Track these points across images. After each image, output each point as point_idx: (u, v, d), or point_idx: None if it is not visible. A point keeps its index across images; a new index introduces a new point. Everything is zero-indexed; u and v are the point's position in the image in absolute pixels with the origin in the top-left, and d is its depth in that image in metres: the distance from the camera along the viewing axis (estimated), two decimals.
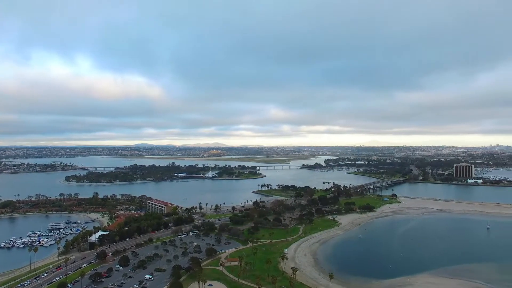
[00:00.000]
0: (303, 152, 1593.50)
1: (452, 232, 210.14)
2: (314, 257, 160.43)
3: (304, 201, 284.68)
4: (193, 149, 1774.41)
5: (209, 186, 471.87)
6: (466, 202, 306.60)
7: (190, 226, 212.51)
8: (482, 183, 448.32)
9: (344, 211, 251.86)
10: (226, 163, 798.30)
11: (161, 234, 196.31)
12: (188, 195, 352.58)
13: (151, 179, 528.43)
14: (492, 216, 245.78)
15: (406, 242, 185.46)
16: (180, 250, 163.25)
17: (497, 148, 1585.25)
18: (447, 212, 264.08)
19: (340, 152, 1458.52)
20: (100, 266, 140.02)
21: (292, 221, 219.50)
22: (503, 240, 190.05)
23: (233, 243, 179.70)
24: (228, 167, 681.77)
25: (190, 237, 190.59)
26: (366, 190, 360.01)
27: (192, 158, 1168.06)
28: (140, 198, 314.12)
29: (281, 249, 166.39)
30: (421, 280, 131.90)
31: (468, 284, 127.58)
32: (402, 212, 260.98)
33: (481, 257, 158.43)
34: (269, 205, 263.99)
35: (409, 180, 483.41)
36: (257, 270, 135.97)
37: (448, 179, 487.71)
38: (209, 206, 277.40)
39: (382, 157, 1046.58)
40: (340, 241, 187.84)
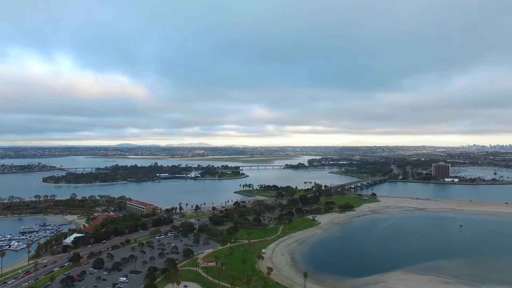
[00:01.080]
0: (287, 152, 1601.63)
1: (427, 229, 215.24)
2: (291, 256, 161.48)
3: (285, 201, 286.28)
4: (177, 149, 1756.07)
5: (191, 186, 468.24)
6: (442, 200, 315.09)
7: (169, 227, 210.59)
8: (458, 181, 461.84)
9: (324, 210, 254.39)
10: (210, 163, 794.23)
11: (139, 235, 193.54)
12: (170, 195, 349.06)
13: (133, 180, 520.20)
14: (465, 214, 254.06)
15: (383, 240, 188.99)
16: (157, 251, 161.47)
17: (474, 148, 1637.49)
18: (423, 210, 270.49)
19: (323, 152, 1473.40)
20: (73, 270, 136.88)
21: (272, 221, 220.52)
22: (473, 236, 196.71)
23: (211, 244, 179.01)
24: (211, 167, 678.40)
25: (169, 238, 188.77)
26: (347, 190, 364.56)
27: (175, 158, 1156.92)
28: (119, 199, 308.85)
29: (259, 249, 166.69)
30: (394, 277, 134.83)
31: (438, 280, 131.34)
32: (381, 211, 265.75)
33: (452, 254, 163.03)
34: (249, 205, 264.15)
35: (389, 180, 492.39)
36: (234, 271, 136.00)
37: (427, 178, 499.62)
38: (190, 206, 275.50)
39: (365, 157, 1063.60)
40: (319, 240, 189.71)
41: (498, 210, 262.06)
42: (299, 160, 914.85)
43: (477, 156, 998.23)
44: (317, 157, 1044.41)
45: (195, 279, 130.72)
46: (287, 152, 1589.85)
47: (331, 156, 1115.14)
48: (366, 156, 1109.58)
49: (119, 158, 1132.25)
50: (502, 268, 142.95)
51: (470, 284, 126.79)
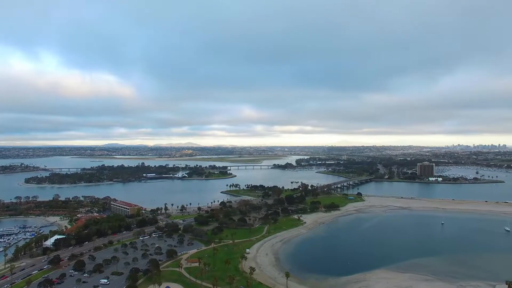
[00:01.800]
0: (275, 152, 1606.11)
1: (410, 228, 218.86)
2: (275, 256, 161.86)
3: (271, 200, 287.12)
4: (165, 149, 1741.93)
5: (178, 186, 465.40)
6: (425, 199, 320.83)
7: (154, 227, 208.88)
8: (442, 181, 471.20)
9: (310, 210, 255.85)
10: (198, 163, 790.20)
11: (123, 236, 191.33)
12: (156, 195, 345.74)
13: (119, 180, 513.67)
14: (447, 212, 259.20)
15: (366, 239, 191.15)
16: (141, 252, 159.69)
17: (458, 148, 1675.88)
18: (407, 209, 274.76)
19: (312, 152, 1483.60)
20: (52, 272, 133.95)
21: (258, 221, 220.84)
22: (454, 234, 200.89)
23: (196, 244, 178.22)
24: (198, 167, 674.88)
25: (152, 239, 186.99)
26: (333, 189, 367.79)
27: (163, 158, 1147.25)
28: (104, 200, 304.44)
29: (244, 249, 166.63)
30: (376, 276, 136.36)
31: (418, 277, 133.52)
32: (366, 210, 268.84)
33: (433, 251, 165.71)
34: (235, 205, 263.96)
35: (375, 179, 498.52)
36: (217, 271, 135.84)
37: (412, 177, 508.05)
38: (175, 207, 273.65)
39: (352, 157, 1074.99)
40: (303, 239, 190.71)
41: (478, 208, 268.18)
42: (287, 160, 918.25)
43: (461, 156, 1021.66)
44: (305, 157, 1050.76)
45: (178, 279, 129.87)
46: (275, 152, 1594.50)
47: (319, 156, 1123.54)
48: (354, 156, 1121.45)
49: (105, 158, 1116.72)
50: (479, 265, 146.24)
51: (448, 281, 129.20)
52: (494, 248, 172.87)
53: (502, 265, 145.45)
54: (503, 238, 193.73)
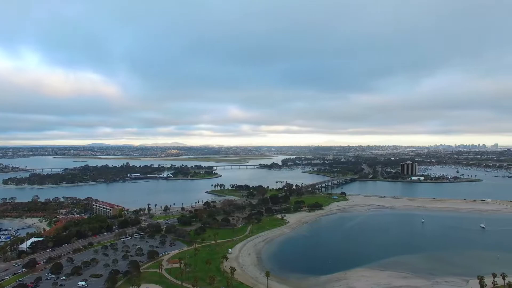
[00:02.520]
0: (262, 151, 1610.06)
1: (391, 226, 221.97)
2: (257, 256, 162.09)
3: (255, 200, 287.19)
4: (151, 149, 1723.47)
5: (162, 186, 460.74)
6: (407, 198, 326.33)
7: (136, 228, 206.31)
8: (424, 180, 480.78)
9: (293, 209, 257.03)
10: (183, 163, 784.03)
11: (103, 237, 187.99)
12: (140, 196, 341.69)
13: (102, 180, 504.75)
14: (428, 211, 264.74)
15: (348, 238, 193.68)
16: (121, 253, 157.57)
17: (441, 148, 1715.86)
18: (389, 208, 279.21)
19: (298, 152, 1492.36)
20: (27, 276, 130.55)
21: (241, 221, 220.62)
22: (433, 232, 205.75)
23: (178, 245, 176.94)
24: (184, 167, 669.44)
25: (134, 240, 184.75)
26: (318, 189, 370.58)
27: (149, 158, 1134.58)
28: (85, 201, 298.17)
29: (226, 249, 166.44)
30: (356, 274, 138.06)
31: (397, 275, 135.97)
32: (349, 210, 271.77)
33: (412, 249, 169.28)
34: (219, 205, 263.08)
35: (359, 178, 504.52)
36: (199, 271, 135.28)
37: (395, 176, 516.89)
38: (159, 207, 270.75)
39: (338, 157, 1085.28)
40: (286, 239, 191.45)
41: (456, 207, 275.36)
42: (273, 160, 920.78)
43: (443, 156, 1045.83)
44: (291, 157, 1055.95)
45: (158, 281, 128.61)
46: (262, 151, 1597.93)
47: (305, 156, 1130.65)
48: (340, 156, 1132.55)
49: (89, 158, 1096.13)
50: (455, 261, 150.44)
51: (426, 278, 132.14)
52: (469, 244, 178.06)
53: (476, 260, 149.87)
54: (479, 234, 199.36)
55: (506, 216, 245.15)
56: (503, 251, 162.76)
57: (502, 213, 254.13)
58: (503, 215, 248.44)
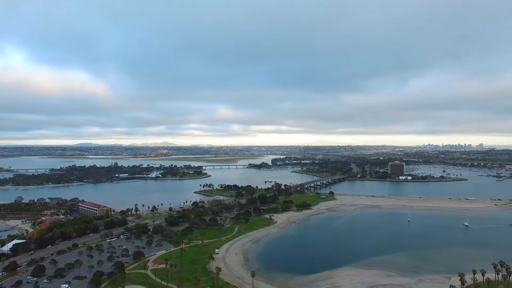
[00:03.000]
0: (252, 151, 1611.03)
1: (378, 226, 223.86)
2: (244, 256, 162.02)
3: (244, 200, 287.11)
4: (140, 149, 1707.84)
5: (151, 187, 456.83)
6: (394, 197, 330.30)
7: (122, 229, 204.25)
8: (411, 179, 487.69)
9: (282, 209, 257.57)
10: (173, 163, 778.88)
11: (89, 238, 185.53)
12: (128, 196, 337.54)
13: (89, 181, 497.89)
14: (414, 209, 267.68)
15: (335, 237, 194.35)
16: (107, 254, 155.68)
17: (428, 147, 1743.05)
18: (377, 207, 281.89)
19: (288, 152, 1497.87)
20: (7, 280, 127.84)
21: (229, 221, 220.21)
22: (418, 230, 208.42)
23: (165, 245, 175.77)
24: (173, 167, 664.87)
25: (120, 241, 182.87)
26: (307, 189, 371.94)
27: (138, 158, 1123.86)
28: (71, 201, 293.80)
29: (213, 249, 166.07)
30: (341, 273, 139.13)
31: (382, 273, 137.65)
32: (337, 209, 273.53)
33: (397, 248, 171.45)
34: (207, 205, 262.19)
35: (348, 178, 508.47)
36: (185, 272, 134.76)
37: (383, 176, 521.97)
38: (147, 207, 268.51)
39: (327, 156, 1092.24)
40: (273, 239, 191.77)
41: (441, 205, 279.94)
42: (263, 160, 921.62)
43: (430, 155, 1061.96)
44: (281, 157, 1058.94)
45: (143, 282, 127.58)
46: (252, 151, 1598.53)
47: (295, 156, 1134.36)
48: (329, 156, 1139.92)
49: (77, 158, 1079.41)
50: (438, 259, 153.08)
51: (409, 276, 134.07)
52: (453, 242, 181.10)
53: (458, 258, 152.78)
54: (462, 233, 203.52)
55: (488, 214, 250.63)
56: (484, 248, 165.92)
57: (485, 211, 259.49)
58: (486, 213, 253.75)
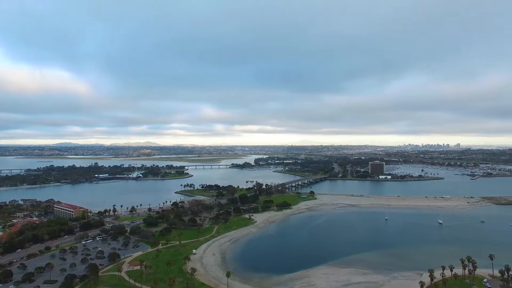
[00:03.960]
0: (236, 151, 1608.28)
1: (356, 224, 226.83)
2: (222, 256, 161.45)
3: (224, 200, 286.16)
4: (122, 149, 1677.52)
5: (131, 187, 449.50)
6: (373, 196, 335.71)
7: (99, 230, 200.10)
8: (391, 178, 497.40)
9: (262, 209, 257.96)
10: (155, 163, 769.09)
11: (63, 241, 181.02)
12: (107, 197, 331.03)
13: (67, 181, 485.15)
14: (392, 208, 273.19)
15: (314, 237, 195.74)
16: (81, 257, 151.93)
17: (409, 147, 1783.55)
18: (356, 206, 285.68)
19: (272, 151, 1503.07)
20: None
21: (208, 221, 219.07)
22: (395, 228, 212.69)
23: (142, 246, 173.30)
24: (155, 167, 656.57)
25: (96, 242, 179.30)
26: (288, 188, 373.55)
27: (120, 158, 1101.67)
28: (46, 203, 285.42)
29: (191, 250, 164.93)
30: (318, 272, 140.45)
31: (357, 272, 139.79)
32: (316, 208, 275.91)
33: (374, 246, 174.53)
34: (187, 205, 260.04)
35: (329, 178, 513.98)
36: (160, 273, 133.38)
37: (364, 175, 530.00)
38: (125, 208, 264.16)
39: (310, 156, 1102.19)
40: (252, 239, 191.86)
41: (418, 204, 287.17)
42: (246, 160, 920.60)
43: (410, 155, 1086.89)
44: (264, 157, 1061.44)
45: (117, 284, 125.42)
46: (236, 151, 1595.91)
47: (278, 155, 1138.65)
48: (312, 155, 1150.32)
49: (56, 158, 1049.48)
50: (412, 256, 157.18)
51: (384, 273, 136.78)
52: (427, 240, 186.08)
53: (431, 255, 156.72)
54: (436, 230, 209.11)
55: (461, 211, 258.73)
56: (456, 244, 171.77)
57: (458, 209, 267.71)
58: (459, 210, 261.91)
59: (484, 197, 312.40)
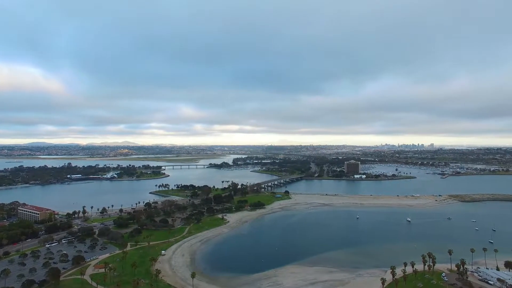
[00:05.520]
0: (215, 151, 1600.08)
1: (328, 223, 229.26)
2: (191, 257, 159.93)
3: (199, 200, 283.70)
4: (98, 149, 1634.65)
5: (105, 187, 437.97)
6: (347, 195, 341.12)
7: (65, 232, 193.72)
8: (365, 178, 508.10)
9: (235, 209, 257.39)
10: (132, 163, 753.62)
11: (25, 245, 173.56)
12: (79, 198, 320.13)
13: (37, 183, 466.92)
14: (364, 207, 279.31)
15: (285, 236, 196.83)
16: (43, 261, 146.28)
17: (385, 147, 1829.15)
18: (329, 205, 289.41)
19: (251, 151, 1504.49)
20: None
21: (180, 221, 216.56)
22: (365, 227, 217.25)
23: (110, 248, 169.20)
24: (131, 167, 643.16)
25: (61, 245, 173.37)
26: (264, 188, 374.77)
27: (95, 158, 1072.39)
28: (10, 205, 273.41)
29: (160, 251, 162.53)
30: (285, 271, 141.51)
31: (324, 270, 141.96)
32: (290, 208, 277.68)
33: (343, 245, 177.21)
34: (160, 206, 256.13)
35: (306, 177, 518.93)
36: (126, 275, 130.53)
37: (339, 175, 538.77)
38: (96, 209, 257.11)
39: (289, 156, 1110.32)
40: (223, 239, 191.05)
41: (389, 202, 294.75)
42: (225, 159, 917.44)
43: (386, 155, 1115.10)
44: (242, 156, 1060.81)
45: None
46: (215, 151, 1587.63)
47: (256, 155, 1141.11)
48: (291, 155, 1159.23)
49: (26, 159, 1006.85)
50: (379, 254, 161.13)
51: (350, 271, 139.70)
52: (395, 237, 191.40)
53: (397, 252, 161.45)
54: (404, 228, 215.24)
55: (429, 209, 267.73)
56: (421, 241, 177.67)
57: (427, 207, 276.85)
58: (427, 208, 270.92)
59: (451, 195, 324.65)
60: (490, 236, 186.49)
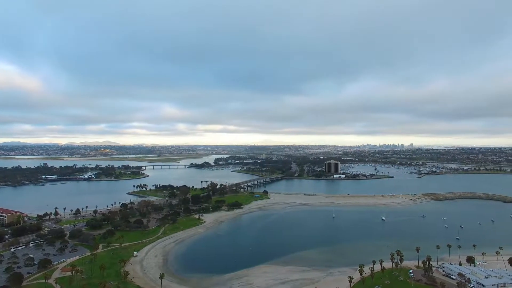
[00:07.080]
0: (198, 151, 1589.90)
1: (304, 223, 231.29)
2: (164, 257, 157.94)
3: (176, 200, 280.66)
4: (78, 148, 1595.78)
5: (82, 188, 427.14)
6: (325, 195, 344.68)
7: (34, 235, 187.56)
8: (345, 177, 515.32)
9: (212, 209, 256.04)
10: (111, 163, 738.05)
11: None
12: (53, 200, 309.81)
13: (8, 184, 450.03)
14: (340, 206, 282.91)
15: (260, 236, 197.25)
16: (5, 266, 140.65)
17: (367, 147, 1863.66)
18: (307, 205, 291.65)
19: (234, 151, 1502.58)
20: None
21: (156, 222, 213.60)
22: (341, 226, 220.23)
23: (80, 250, 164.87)
24: (110, 167, 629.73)
25: (28, 249, 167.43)
26: (243, 188, 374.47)
27: (74, 158, 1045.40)
28: None
29: (132, 252, 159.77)
30: (258, 271, 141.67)
31: (296, 269, 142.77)
32: (268, 208, 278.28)
33: (317, 244, 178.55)
34: (136, 206, 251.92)
35: (286, 177, 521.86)
36: (96, 278, 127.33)
37: (319, 175, 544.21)
38: (69, 210, 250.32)
39: (271, 156, 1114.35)
40: (198, 239, 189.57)
41: (366, 202, 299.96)
42: (207, 159, 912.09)
43: (367, 154, 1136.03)
44: (224, 156, 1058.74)
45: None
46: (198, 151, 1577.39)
47: (238, 155, 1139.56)
48: (273, 155, 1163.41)
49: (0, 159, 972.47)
50: (351, 252, 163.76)
51: (321, 270, 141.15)
52: (369, 236, 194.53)
53: (369, 250, 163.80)
54: (378, 226, 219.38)
55: (403, 208, 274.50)
56: (393, 239, 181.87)
57: (401, 205, 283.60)
58: (402, 207, 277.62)
59: (425, 193, 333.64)
60: (458, 233, 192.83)
